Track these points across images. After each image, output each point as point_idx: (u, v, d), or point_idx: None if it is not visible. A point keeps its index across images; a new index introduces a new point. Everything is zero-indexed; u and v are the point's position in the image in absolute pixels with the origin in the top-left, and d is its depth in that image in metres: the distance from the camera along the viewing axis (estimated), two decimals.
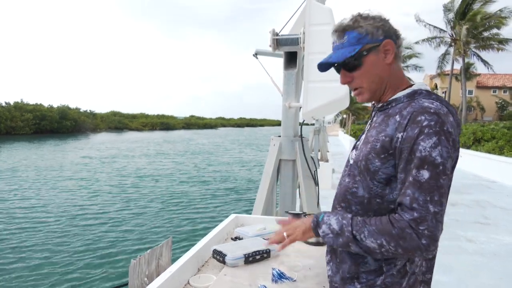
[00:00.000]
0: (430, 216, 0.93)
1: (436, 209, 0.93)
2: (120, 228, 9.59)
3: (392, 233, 0.96)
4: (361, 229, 1.02)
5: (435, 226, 0.93)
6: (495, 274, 4.31)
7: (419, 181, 0.95)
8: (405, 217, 0.95)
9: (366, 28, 1.09)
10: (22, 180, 16.45)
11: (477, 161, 12.91)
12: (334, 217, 1.09)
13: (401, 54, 1.14)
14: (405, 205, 0.96)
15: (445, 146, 0.96)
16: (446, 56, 29.50)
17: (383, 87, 1.14)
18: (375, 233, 0.99)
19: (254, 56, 3.36)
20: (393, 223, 0.97)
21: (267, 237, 1.86)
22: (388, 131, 1.04)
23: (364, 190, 1.09)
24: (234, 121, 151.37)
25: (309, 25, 2.61)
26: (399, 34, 1.13)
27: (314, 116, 2.75)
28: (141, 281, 1.63)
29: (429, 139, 0.95)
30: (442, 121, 0.97)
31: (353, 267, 1.12)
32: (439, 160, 0.95)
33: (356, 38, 1.10)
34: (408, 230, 0.94)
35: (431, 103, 1.01)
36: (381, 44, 1.09)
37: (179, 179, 17.49)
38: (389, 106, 1.12)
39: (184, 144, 41.27)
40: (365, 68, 1.11)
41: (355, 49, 1.09)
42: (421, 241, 0.93)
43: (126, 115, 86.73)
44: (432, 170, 0.95)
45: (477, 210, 7.57)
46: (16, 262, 7.32)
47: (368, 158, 1.07)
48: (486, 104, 40.72)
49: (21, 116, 51.48)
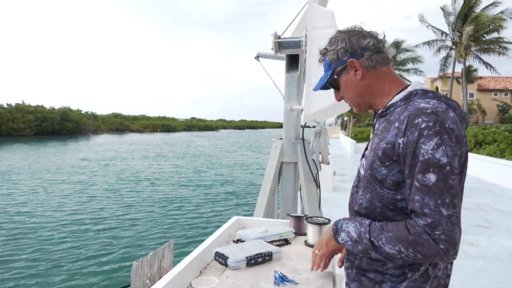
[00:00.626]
0: (444, 219, 0.90)
1: (450, 211, 0.91)
2: (122, 231, 9.58)
3: (409, 239, 0.94)
4: (378, 236, 1.01)
5: (451, 229, 0.90)
6: (496, 278, 4.29)
7: (427, 185, 0.93)
8: (419, 222, 0.93)
9: (330, 54, 1.19)
10: (23, 182, 16.47)
11: (478, 164, 12.89)
12: (353, 224, 1.09)
13: (380, 61, 1.14)
14: (416, 211, 0.95)
15: (448, 144, 0.94)
16: (448, 58, 29.53)
17: (366, 99, 1.19)
18: (392, 240, 0.98)
19: (256, 59, 3.37)
20: (409, 229, 0.95)
21: (269, 239, 1.86)
22: (389, 138, 1.03)
23: (376, 199, 1.08)
24: (235, 123, 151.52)
25: (311, 28, 2.61)
26: (367, 46, 1.14)
27: (315, 118, 2.76)
28: (143, 283, 1.63)
29: (429, 141, 0.94)
30: (442, 119, 0.96)
31: (377, 275, 1.10)
32: (445, 161, 0.93)
33: (327, 64, 1.22)
34: (425, 236, 0.92)
35: (427, 103, 1.00)
36: (346, 64, 1.16)
37: (181, 182, 17.49)
38: (388, 112, 1.12)
39: (184, 147, 41.28)
40: (342, 88, 1.22)
41: (328, 74, 1.22)
42: (439, 246, 0.90)
43: (127, 116, 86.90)
44: (439, 172, 0.92)
45: (478, 213, 7.56)
46: (18, 264, 7.32)
47: (373, 167, 1.07)
48: (487, 107, 40.66)
49: (23, 117, 51.63)
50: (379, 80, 1.16)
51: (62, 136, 54.43)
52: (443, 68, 30.32)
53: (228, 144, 48.64)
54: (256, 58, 3.37)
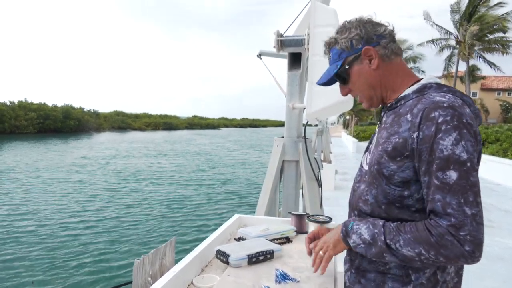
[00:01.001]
0: (468, 219, 0.85)
1: (474, 210, 0.86)
2: (123, 228, 9.61)
3: (431, 241, 0.88)
4: (395, 238, 0.94)
5: (476, 229, 0.85)
6: (499, 277, 4.28)
7: (448, 184, 0.87)
8: (442, 223, 0.87)
9: (341, 43, 1.11)
10: (25, 178, 16.54)
11: (481, 163, 12.79)
12: (365, 225, 1.01)
13: (395, 50, 1.10)
14: (438, 212, 0.89)
15: (468, 139, 0.88)
16: (452, 57, 29.43)
17: (378, 92, 1.12)
18: (411, 242, 0.91)
19: (258, 57, 3.37)
20: (430, 230, 0.89)
21: (270, 237, 1.86)
22: (401, 132, 0.97)
23: (381, 196, 1.02)
24: (237, 122, 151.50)
25: (314, 26, 2.61)
26: (384, 34, 1.09)
27: (318, 117, 2.75)
28: (145, 281, 1.64)
29: (448, 136, 0.88)
30: (459, 114, 0.90)
31: (378, 276, 1.05)
32: (465, 156, 0.87)
33: (337, 53, 1.14)
34: (448, 237, 0.86)
35: (443, 97, 0.94)
36: (361, 53, 1.09)
37: (182, 180, 17.52)
38: (398, 104, 1.06)
39: (185, 145, 41.32)
40: (352, 79, 1.13)
41: (337, 65, 1.13)
42: (464, 247, 0.85)
43: (129, 114, 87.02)
44: (460, 169, 0.87)
45: None
46: (20, 261, 7.35)
47: (381, 162, 1.00)
48: (490, 106, 40.52)
49: (25, 115, 51.77)
50: (393, 71, 1.11)
51: (65, 134, 54.59)
52: (447, 67, 30.23)
53: (230, 142, 48.67)
54: (259, 56, 3.37)
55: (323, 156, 13.20)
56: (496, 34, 26.57)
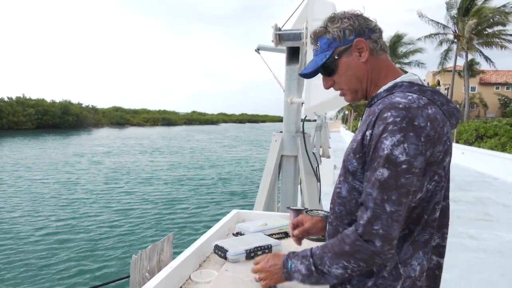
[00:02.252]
0: (385, 215, 0.90)
1: (393, 208, 0.90)
2: (121, 224, 9.63)
3: (346, 250, 0.94)
4: (322, 261, 0.99)
5: (390, 225, 0.90)
6: (497, 271, 4.30)
7: (379, 180, 0.92)
8: (350, 230, 0.95)
9: (333, 32, 1.08)
10: (27, 172, 16.52)
11: (480, 157, 12.88)
12: (299, 261, 1.06)
13: (383, 46, 1.10)
14: (363, 203, 0.95)
15: (412, 143, 0.90)
16: (449, 52, 29.35)
17: (364, 86, 1.11)
18: (334, 259, 0.97)
19: (256, 51, 3.35)
20: (344, 240, 0.96)
21: (268, 232, 1.85)
22: (362, 130, 1.01)
23: (352, 190, 1.05)
24: (236, 117, 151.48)
25: (312, 20, 2.58)
26: (375, 28, 1.08)
27: (316, 111, 2.74)
28: (142, 276, 1.63)
29: (392, 137, 0.91)
30: (412, 116, 0.91)
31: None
32: (402, 158, 0.90)
33: (326, 43, 1.10)
34: (358, 242, 0.93)
35: (404, 97, 0.96)
36: (352, 44, 1.07)
37: (180, 176, 17.53)
38: (372, 103, 1.08)
39: (183, 141, 41.30)
40: (340, 71, 1.11)
41: (326, 55, 1.10)
42: (375, 244, 0.91)
43: (128, 110, 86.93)
44: (393, 169, 0.91)
45: (479, 207, 7.56)
46: (19, 255, 7.36)
47: (348, 158, 1.05)
48: (489, 101, 40.53)
49: (24, 111, 51.65)
50: (379, 67, 1.10)
51: (63, 129, 54.49)
52: (442, 61, 30.14)
53: (227, 139, 48.64)
54: (257, 50, 3.35)
55: (322, 151, 13.22)
56: (494, 28, 26.51)
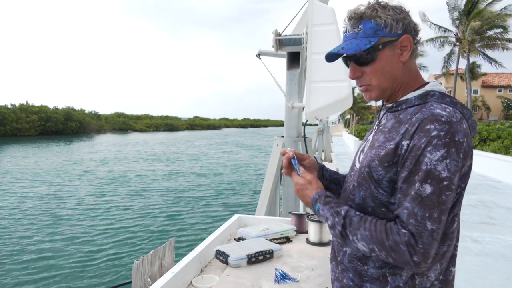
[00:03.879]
0: (426, 233, 0.88)
1: (434, 226, 0.88)
2: (123, 229, 9.62)
3: (385, 244, 0.92)
4: (354, 231, 0.98)
5: (430, 244, 0.88)
6: (501, 275, 4.27)
7: (420, 196, 0.89)
8: (401, 231, 0.90)
9: (385, 19, 0.98)
10: (25, 179, 16.57)
11: (483, 161, 12.81)
12: (329, 212, 1.05)
13: (417, 51, 1.05)
14: (402, 219, 0.91)
15: (454, 159, 0.89)
16: (452, 55, 29.35)
17: (394, 86, 1.05)
18: (367, 239, 0.95)
19: (257, 57, 3.37)
20: (388, 234, 0.92)
21: (270, 237, 1.85)
22: (395, 139, 0.96)
23: (369, 199, 1.03)
24: (238, 122, 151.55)
25: (312, 25, 2.60)
26: (418, 30, 1.03)
27: (317, 116, 2.75)
28: (144, 281, 1.63)
29: (436, 151, 0.88)
30: (454, 131, 0.89)
31: (356, 277, 1.07)
32: (444, 175, 0.89)
33: (373, 29, 0.99)
34: (402, 246, 0.90)
35: (443, 110, 0.93)
36: (399, 39, 1.00)
37: (182, 181, 17.52)
38: (399, 108, 1.04)
39: (185, 147, 41.36)
40: (378, 63, 1.02)
41: (371, 41, 0.99)
42: (412, 258, 0.89)
43: (130, 116, 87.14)
44: (435, 185, 0.88)
45: (482, 210, 7.51)
46: (18, 262, 7.36)
47: (372, 165, 1.00)
48: (491, 104, 40.43)
49: (27, 117, 51.89)
50: (412, 70, 1.06)
51: (66, 135, 54.70)
52: (446, 65, 30.13)
53: (228, 143, 48.66)
54: (257, 56, 3.36)
55: (324, 155, 13.20)
56: (496, 30, 26.50)
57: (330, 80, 2.55)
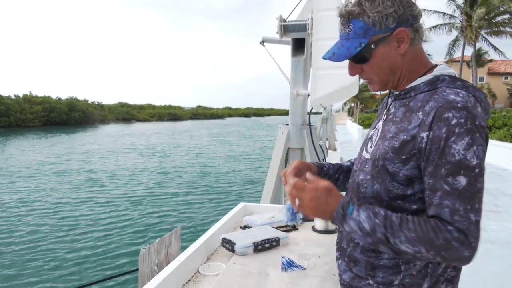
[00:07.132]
0: (473, 226, 0.86)
1: (478, 217, 0.87)
2: (129, 218, 9.71)
3: (436, 243, 0.86)
4: (397, 233, 0.89)
5: (478, 235, 0.87)
6: (506, 262, 4.27)
7: (457, 189, 0.86)
8: (449, 228, 0.86)
9: (373, 17, 0.94)
10: (32, 171, 16.71)
11: (488, 148, 12.61)
12: (365, 213, 0.93)
13: (421, 35, 0.99)
14: (445, 218, 0.87)
15: (480, 144, 0.86)
16: (456, 42, 28.92)
17: (396, 77, 1.01)
18: (413, 240, 0.87)
19: (261, 44, 3.32)
20: (437, 233, 0.86)
21: (276, 225, 1.85)
22: (410, 130, 0.92)
23: (383, 192, 0.98)
24: (241, 111, 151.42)
25: (317, 10, 2.55)
26: (418, 15, 0.97)
27: (322, 103, 2.72)
28: (151, 269, 1.64)
29: (461, 140, 0.84)
30: (473, 116, 0.86)
31: (368, 265, 1.03)
32: (475, 162, 0.85)
33: (362, 29, 0.95)
34: (455, 243, 0.85)
35: (456, 95, 0.89)
36: (393, 33, 0.95)
37: (188, 170, 17.60)
38: (407, 96, 1.00)
39: (188, 136, 41.43)
40: (373, 61, 0.99)
41: (361, 43, 0.96)
42: (464, 253, 0.86)
43: (133, 106, 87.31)
44: (469, 175, 0.85)
45: (488, 198, 7.49)
46: (27, 251, 7.47)
47: (386, 158, 0.96)
48: (497, 91, 39.99)
49: (30, 108, 52.08)
50: (416, 57, 1.01)
51: (70, 126, 54.93)
52: (450, 52, 29.71)
53: (228, 133, 48.64)
54: (261, 43, 3.32)
55: (328, 144, 13.17)
56: (503, 16, 26.04)
57: (336, 66, 2.50)
